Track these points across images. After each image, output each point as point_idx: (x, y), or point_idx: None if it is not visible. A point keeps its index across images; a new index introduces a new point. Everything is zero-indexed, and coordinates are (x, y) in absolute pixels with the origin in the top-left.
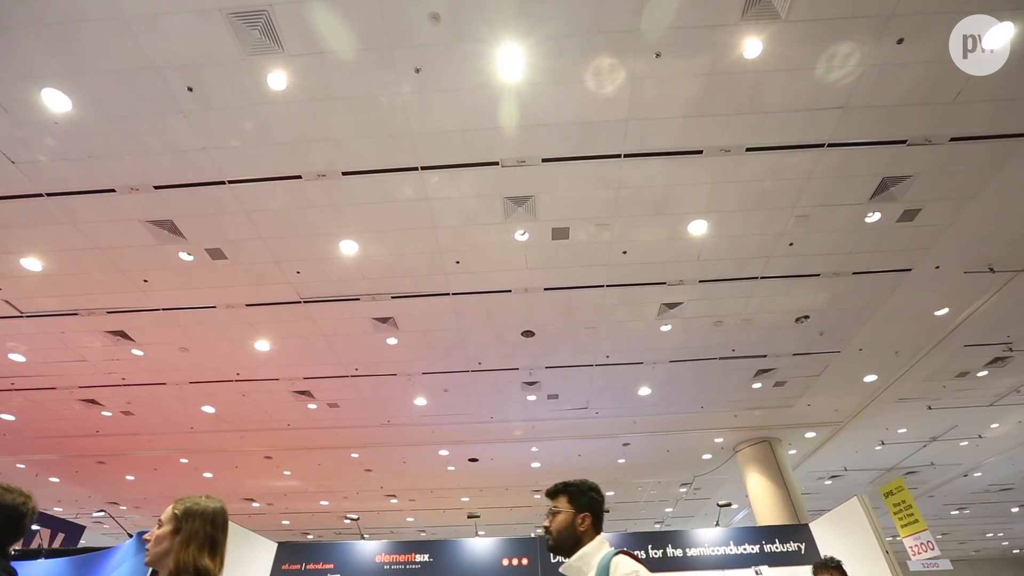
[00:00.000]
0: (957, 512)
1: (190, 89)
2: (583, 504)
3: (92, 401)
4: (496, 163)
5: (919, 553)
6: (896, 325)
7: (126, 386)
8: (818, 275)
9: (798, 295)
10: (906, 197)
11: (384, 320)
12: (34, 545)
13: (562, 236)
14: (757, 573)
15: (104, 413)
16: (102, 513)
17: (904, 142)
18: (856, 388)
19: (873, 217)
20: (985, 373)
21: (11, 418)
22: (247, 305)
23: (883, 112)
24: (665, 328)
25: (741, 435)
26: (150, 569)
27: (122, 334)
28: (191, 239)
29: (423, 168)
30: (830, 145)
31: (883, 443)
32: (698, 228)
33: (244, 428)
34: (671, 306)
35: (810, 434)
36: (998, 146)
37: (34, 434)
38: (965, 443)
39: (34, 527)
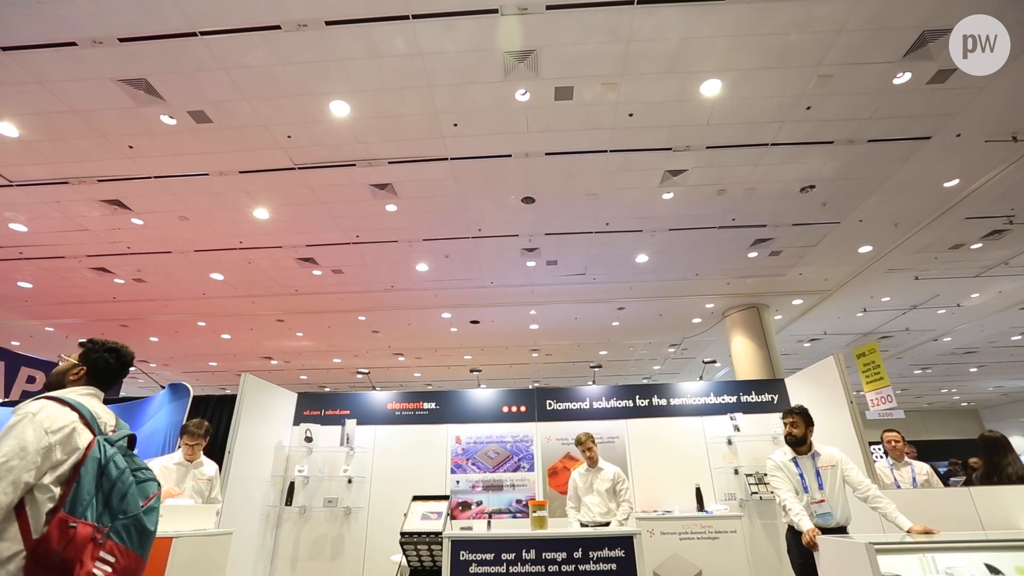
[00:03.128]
0: (920, 372)
1: None
2: (87, 360)
3: (103, 269)
4: (495, 10)
5: (878, 405)
6: (901, 196)
7: (132, 255)
8: (831, 142)
9: (807, 163)
10: (943, 55)
11: (382, 186)
12: None
13: (565, 96)
14: (732, 419)
15: (117, 281)
16: (133, 368)
17: None
18: (849, 258)
19: (902, 78)
20: (979, 246)
21: (28, 286)
22: (240, 172)
23: None
24: (667, 196)
25: (731, 301)
26: (184, 416)
27: (118, 203)
28: (170, 100)
29: (414, 17)
30: None
31: (865, 310)
32: (711, 88)
33: (253, 294)
34: (675, 173)
35: (797, 301)
36: None
37: (54, 300)
38: (943, 311)
39: None
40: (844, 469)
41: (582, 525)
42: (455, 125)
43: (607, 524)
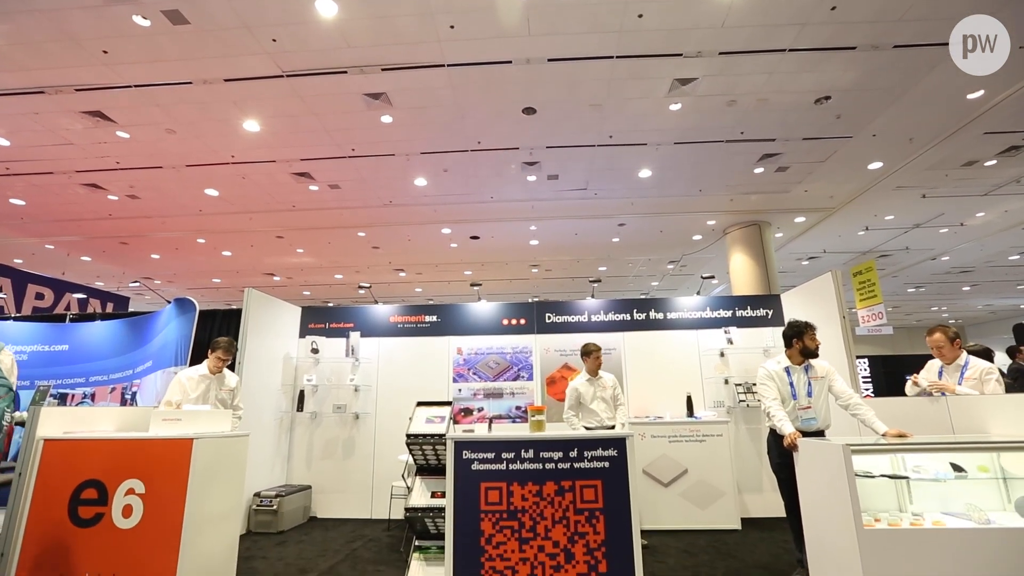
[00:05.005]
0: (913, 290)
1: None
2: None
3: (94, 185)
4: None
5: (868, 321)
6: (921, 109)
7: (123, 170)
8: (854, 48)
9: (825, 72)
10: None
11: (376, 96)
12: (89, 310)
13: None
14: (726, 332)
15: (111, 197)
16: (137, 284)
17: None
18: (857, 175)
19: None
20: (993, 163)
21: (21, 203)
22: (225, 80)
23: None
24: (674, 107)
25: (733, 218)
26: (193, 329)
27: (100, 115)
28: None
29: None
30: None
31: (867, 228)
32: None
33: (251, 210)
34: (684, 82)
35: (800, 219)
36: None
37: (49, 218)
38: (945, 230)
39: (82, 296)
40: (831, 380)
41: (588, 430)
42: (451, 27)
43: (612, 427)
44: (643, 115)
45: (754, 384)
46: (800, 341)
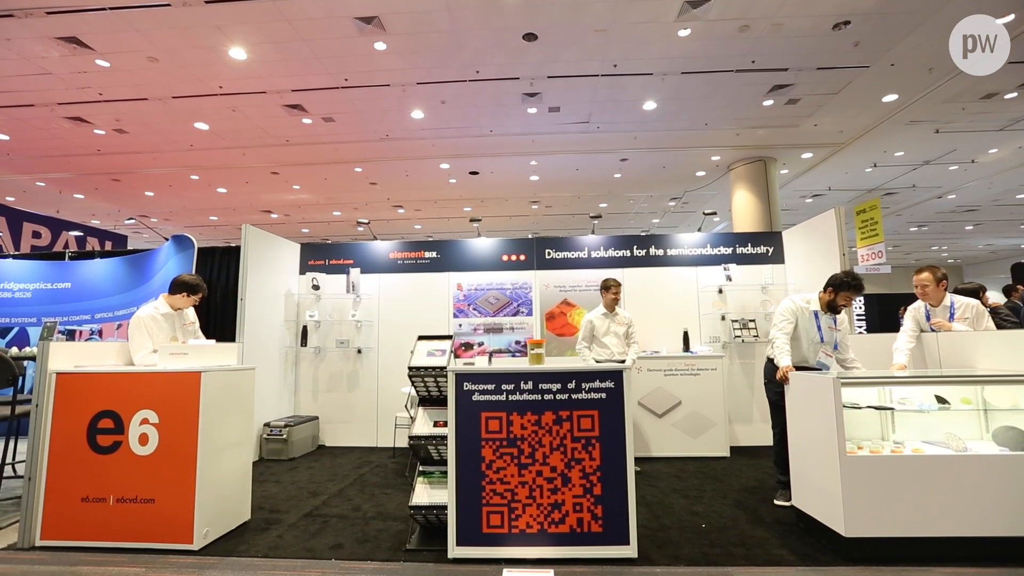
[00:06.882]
0: (916, 229)
1: None
2: None
3: (79, 119)
4: None
5: (868, 260)
6: (944, 35)
7: (106, 102)
8: None
9: None
10: None
11: (368, 20)
12: (88, 249)
13: None
14: (725, 269)
15: (97, 132)
16: (132, 221)
17: None
18: (870, 108)
19: None
20: (1014, 95)
21: (5, 137)
22: (206, 2)
23: None
24: (683, 32)
25: (739, 153)
26: (193, 267)
27: (76, 41)
28: None
29: None
30: None
31: (875, 165)
32: None
33: (243, 145)
34: (695, 4)
35: (807, 155)
36: None
37: (36, 153)
38: (955, 167)
39: (79, 234)
40: (844, 336)
41: (599, 363)
42: None
43: (623, 362)
44: (650, 41)
45: (751, 320)
46: (836, 293)
